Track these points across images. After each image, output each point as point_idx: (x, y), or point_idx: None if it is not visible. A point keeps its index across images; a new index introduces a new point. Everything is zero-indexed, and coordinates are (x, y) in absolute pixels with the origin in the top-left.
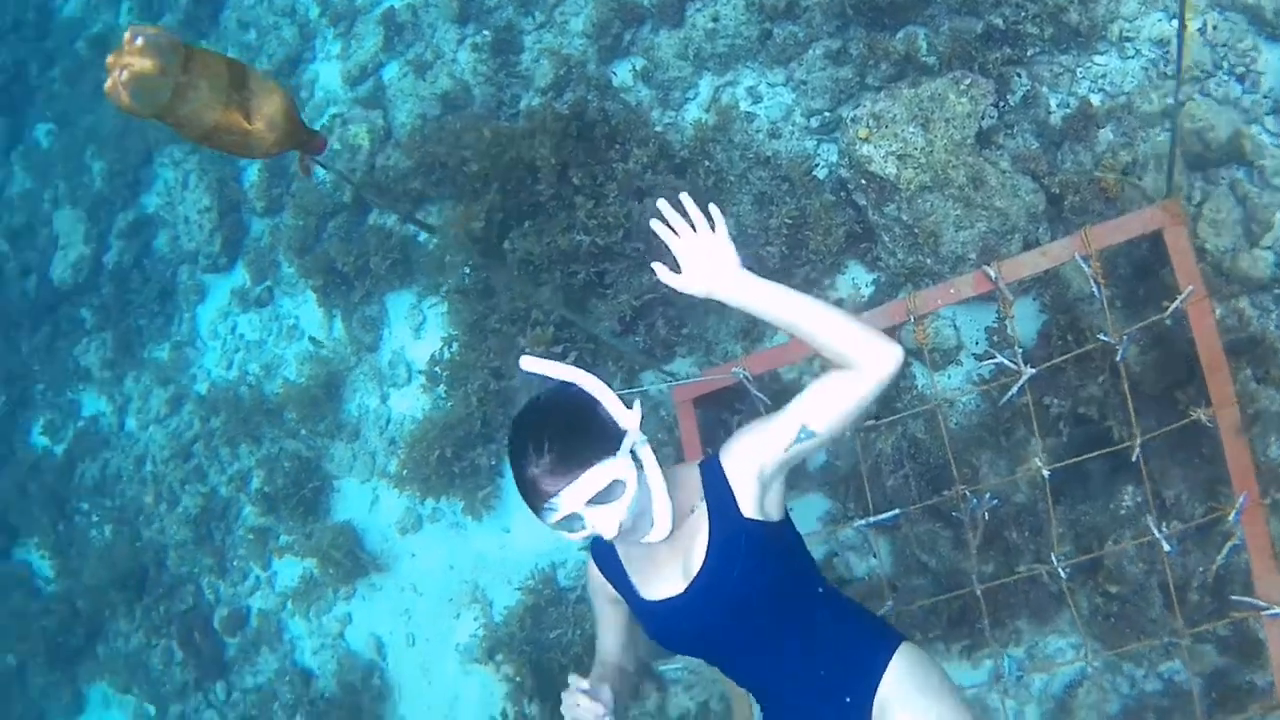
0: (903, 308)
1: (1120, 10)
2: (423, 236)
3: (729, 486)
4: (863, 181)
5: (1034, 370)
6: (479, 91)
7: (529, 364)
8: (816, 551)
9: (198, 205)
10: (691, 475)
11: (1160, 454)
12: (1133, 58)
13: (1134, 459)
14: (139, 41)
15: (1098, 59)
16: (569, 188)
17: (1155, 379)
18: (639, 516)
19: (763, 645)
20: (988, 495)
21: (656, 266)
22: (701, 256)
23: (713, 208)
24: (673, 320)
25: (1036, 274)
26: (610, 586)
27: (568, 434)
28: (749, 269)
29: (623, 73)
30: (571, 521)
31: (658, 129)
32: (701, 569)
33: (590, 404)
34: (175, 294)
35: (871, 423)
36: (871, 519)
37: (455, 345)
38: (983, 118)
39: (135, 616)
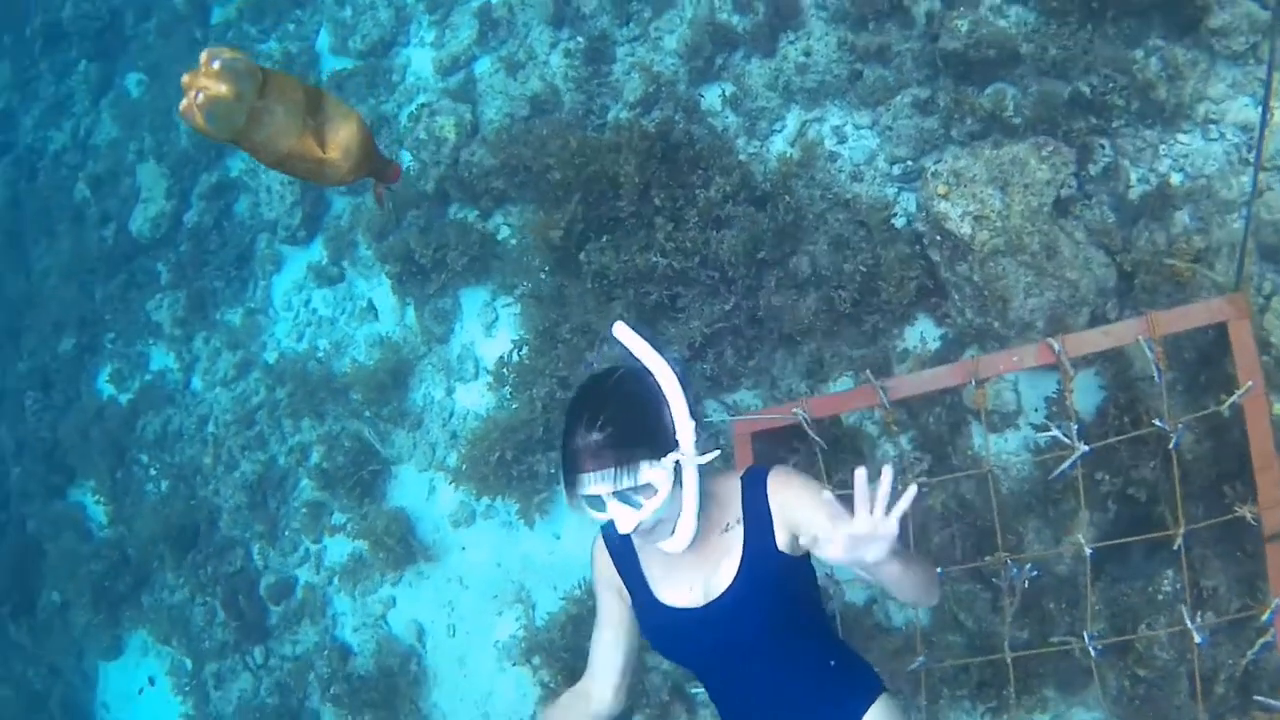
0: (966, 369)
1: (1208, 91)
2: (503, 235)
3: (769, 513)
4: (938, 237)
5: (1088, 448)
6: (568, 98)
7: (621, 332)
8: (858, 596)
9: (281, 177)
10: (732, 489)
11: (1203, 543)
12: (1216, 140)
13: (1175, 548)
14: (216, 65)
15: (1181, 138)
16: (649, 207)
17: (1207, 469)
18: (660, 523)
19: (757, 672)
20: (1028, 566)
21: (828, 545)
22: (866, 543)
23: (910, 492)
24: (741, 351)
25: (1099, 351)
26: (617, 576)
27: (624, 421)
28: None
29: (711, 96)
30: (594, 502)
31: (741, 158)
32: (726, 592)
33: (658, 401)
34: (252, 260)
35: (924, 480)
36: None
37: (525, 349)
38: (1062, 186)
39: (182, 572)
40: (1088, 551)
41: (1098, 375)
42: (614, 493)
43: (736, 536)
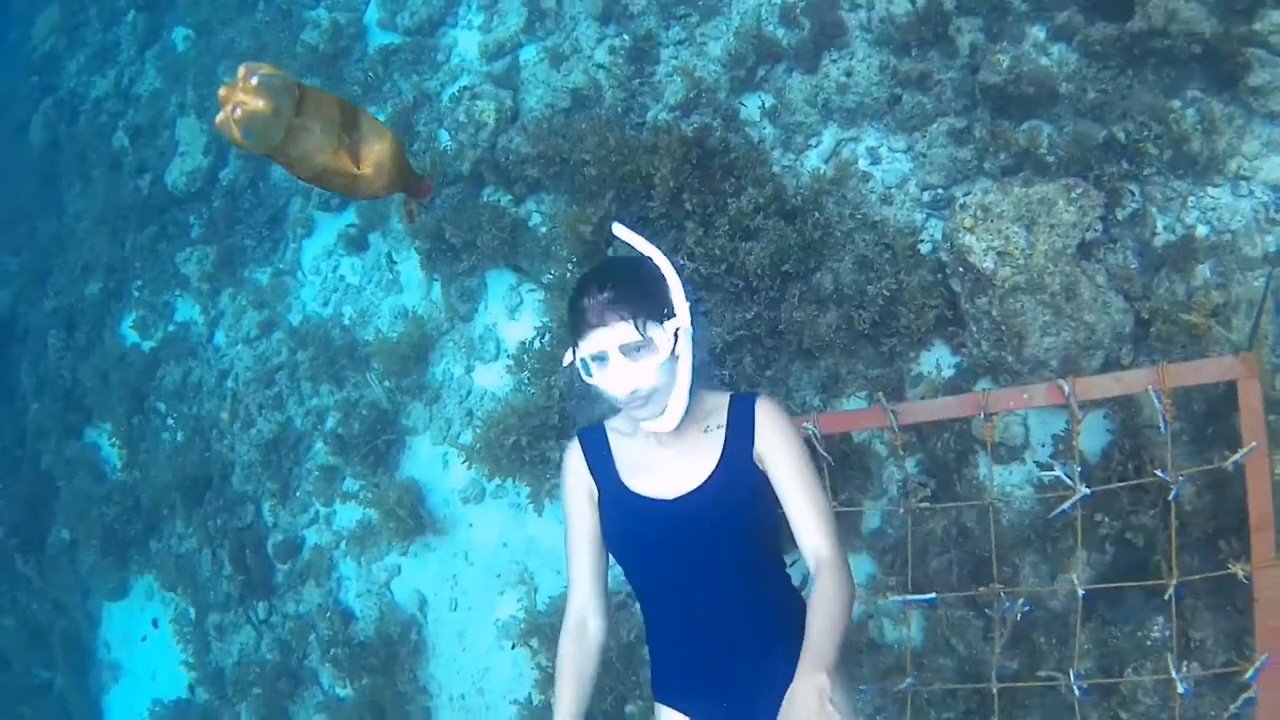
0: (976, 402)
1: (1242, 147)
2: (534, 222)
3: (753, 428)
4: (960, 269)
5: (1089, 491)
6: (609, 95)
7: (620, 230)
8: (854, 611)
9: None
10: (720, 401)
11: (1195, 594)
12: (1245, 197)
13: (1166, 597)
14: (254, 80)
15: (1211, 191)
16: (680, 210)
17: (1205, 521)
18: (653, 396)
19: (709, 582)
20: (1021, 600)
21: None
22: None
23: None
24: (760, 360)
25: (1109, 397)
26: (588, 474)
27: (630, 285)
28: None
29: (751, 106)
30: (600, 359)
31: (775, 169)
32: (699, 489)
33: (659, 278)
34: (284, 223)
35: (926, 505)
36: (909, 597)
37: (547, 336)
38: (1088, 229)
39: (192, 522)
40: (1080, 592)
41: (1106, 418)
42: (620, 346)
43: (717, 440)
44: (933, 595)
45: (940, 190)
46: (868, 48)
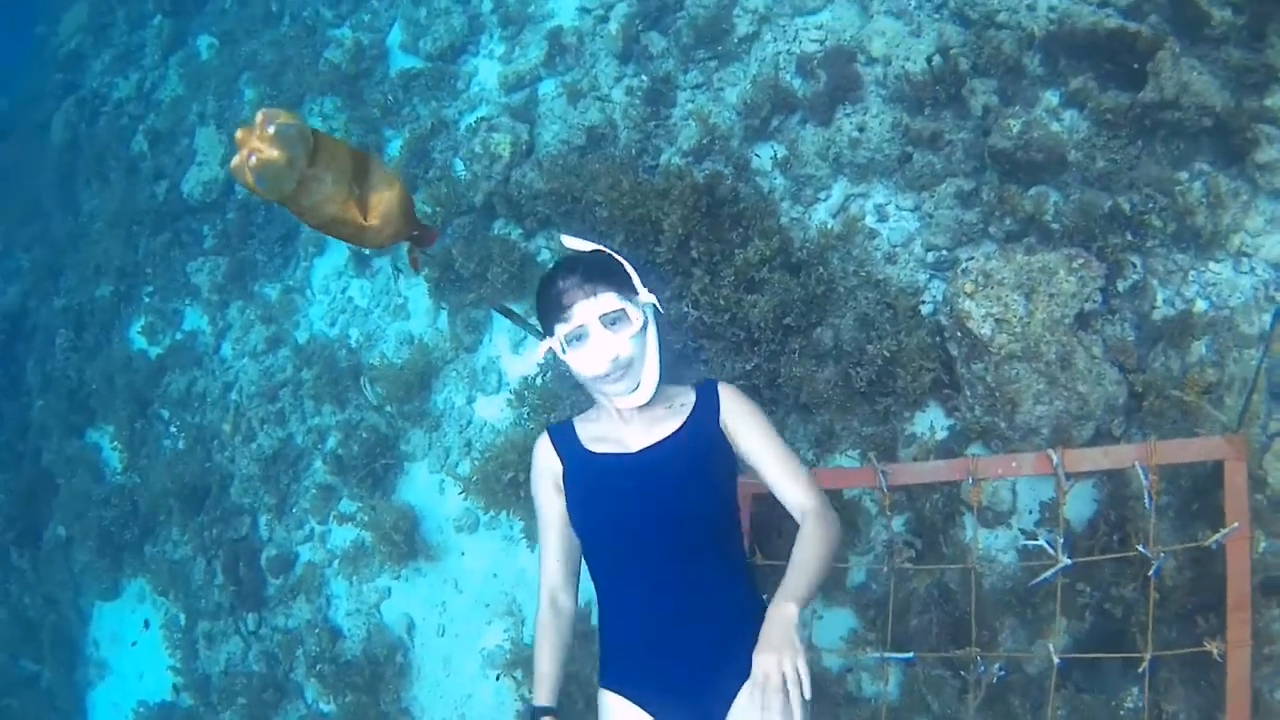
0: (965, 467)
1: (1245, 223)
2: (543, 257)
3: (718, 401)
4: (958, 333)
5: (1070, 562)
6: (624, 135)
7: (568, 240)
8: (833, 664)
9: None
10: (684, 389)
11: (1170, 667)
12: (1246, 274)
13: (1140, 670)
14: (270, 129)
15: (1213, 266)
16: (687, 257)
17: (1185, 596)
18: (629, 367)
19: (669, 551)
20: (997, 664)
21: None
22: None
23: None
24: None
25: (1096, 470)
26: (556, 460)
27: (598, 265)
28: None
29: (763, 156)
30: (579, 333)
31: (783, 221)
32: (666, 439)
33: (619, 264)
34: (296, 240)
35: (910, 566)
36: (887, 655)
37: (550, 374)
38: (1087, 300)
39: (188, 530)
40: (1056, 660)
41: (1095, 487)
42: (600, 317)
43: (684, 411)
44: (910, 654)
45: (945, 251)
46: (881, 103)
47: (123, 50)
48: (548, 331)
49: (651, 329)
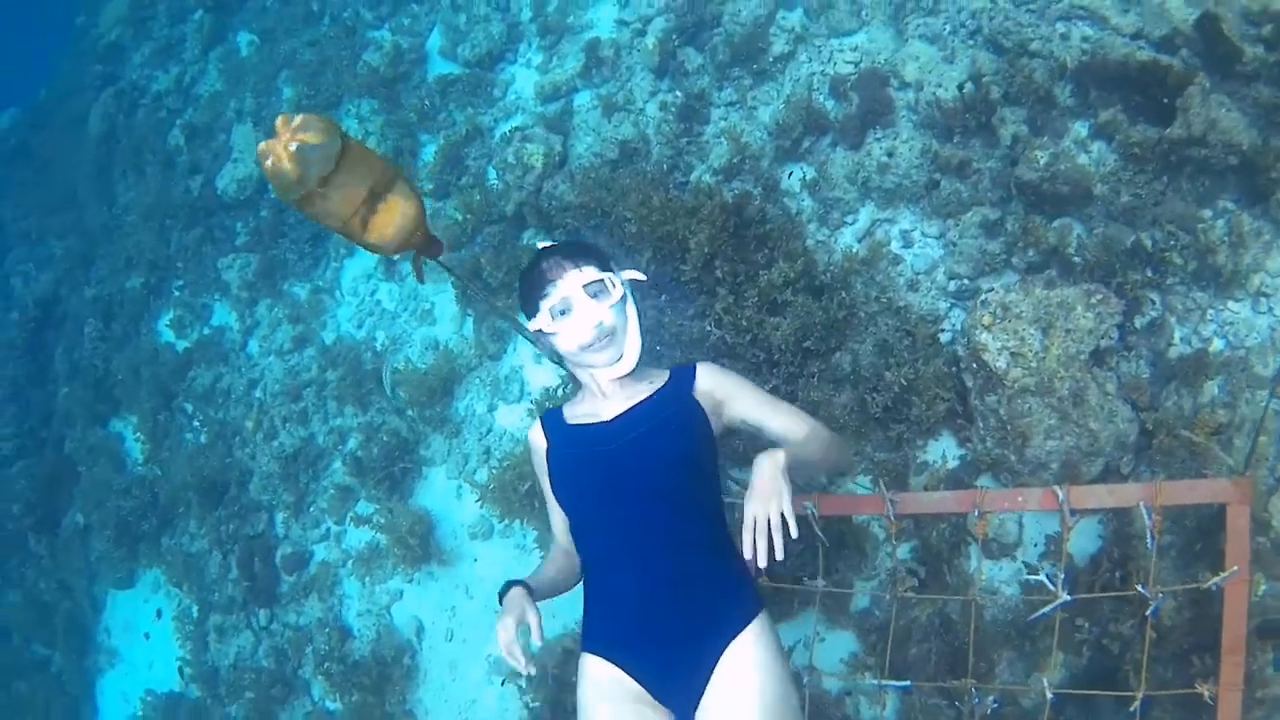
0: (971, 500)
1: (1266, 263)
2: None
3: (694, 376)
4: (974, 365)
5: (1070, 598)
6: (656, 151)
7: (541, 245)
8: (833, 686)
9: None
10: (664, 370)
11: (1163, 707)
12: (1264, 314)
13: (1132, 709)
14: (293, 147)
15: (1231, 305)
16: (711, 277)
17: (1183, 636)
18: (612, 335)
19: (649, 516)
20: (991, 697)
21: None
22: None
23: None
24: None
25: (1101, 508)
26: (543, 437)
27: (576, 244)
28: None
29: (793, 177)
30: (565, 306)
31: (809, 243)
32: (638, 405)
33: (596, 243)
34: (327, 241)
35: (912, 595)
36: (885, 683)
37: (570, 385)
38: (1103, 337)
39: (206, 523)
40: (1050, 695)
41: (1101, 523)
42: (584, 286)
43: (659, 382)
44: (907, 683)
45: (967, 281)
46: (912, 129)
47: (163, 43)
48: (533, 313)
49: (631, 304)
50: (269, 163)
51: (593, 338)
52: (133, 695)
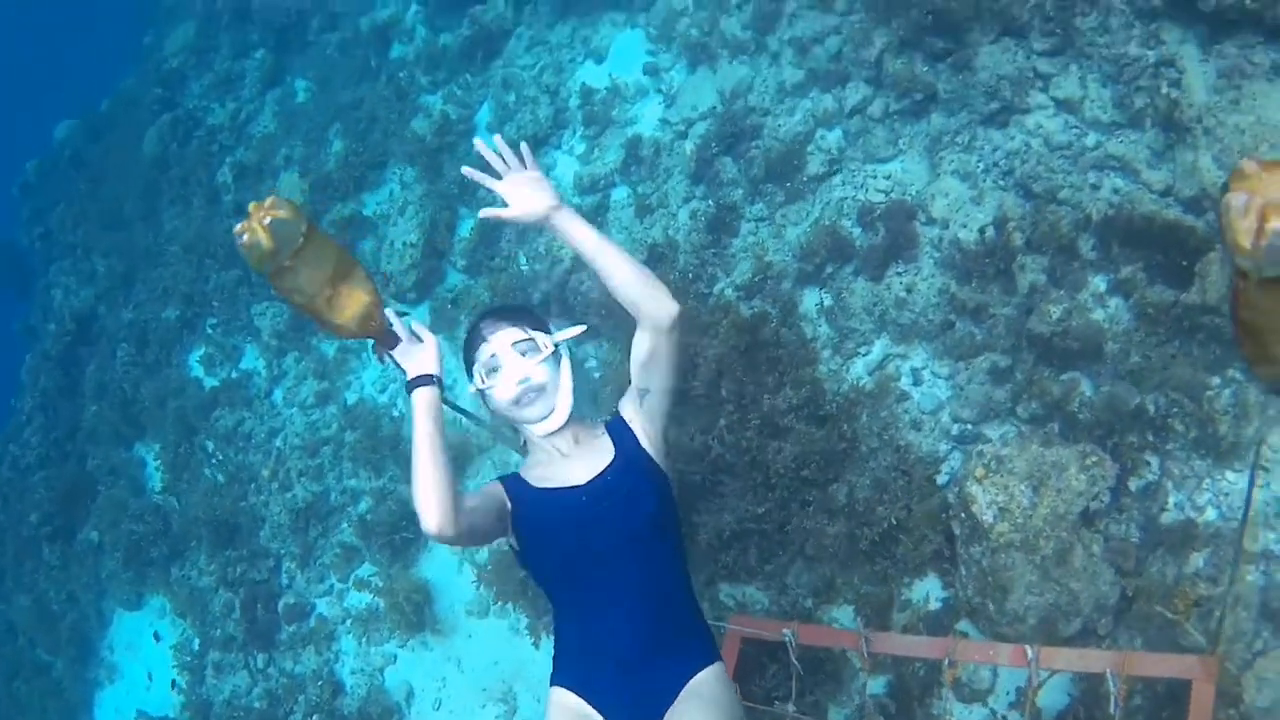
0: (945, 647)
1: (1268, 437)
2: (591, 364)
3: (628, 426)
4: (962, 515)
5: None
6: (683, 259)
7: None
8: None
9: (406, 237)
10: (600, 423)
11: None
12: (1262, 488)
13: None
14: (267, 221)
15: (1229, 476)
16: (718, 393)
17: None
18: (544, 392)
19: (617, 567)
20: None
21: (485, 212)
22: (526, 189)
23: (524, 146)
24: (764, 553)
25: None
26: (504, 495)
27: (510, 307)
28: None
29: (810, 301)
30: (494, 364)
31: (821, 370)
32: (607, 468)
33: (533, 308)
34: None
35: None
36: None
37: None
38: (1094, 499)
39: (215, 561)
40: None
41: (1072, 680)
42: (512, 344)
43: (607, 440)
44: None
45: (970, 426)
46: (933, 266)
47: (223, 76)
48: (470, 373)
49: (566, 361)
50: (246, 238)
51: (517, 393)
52: (127, 712)
